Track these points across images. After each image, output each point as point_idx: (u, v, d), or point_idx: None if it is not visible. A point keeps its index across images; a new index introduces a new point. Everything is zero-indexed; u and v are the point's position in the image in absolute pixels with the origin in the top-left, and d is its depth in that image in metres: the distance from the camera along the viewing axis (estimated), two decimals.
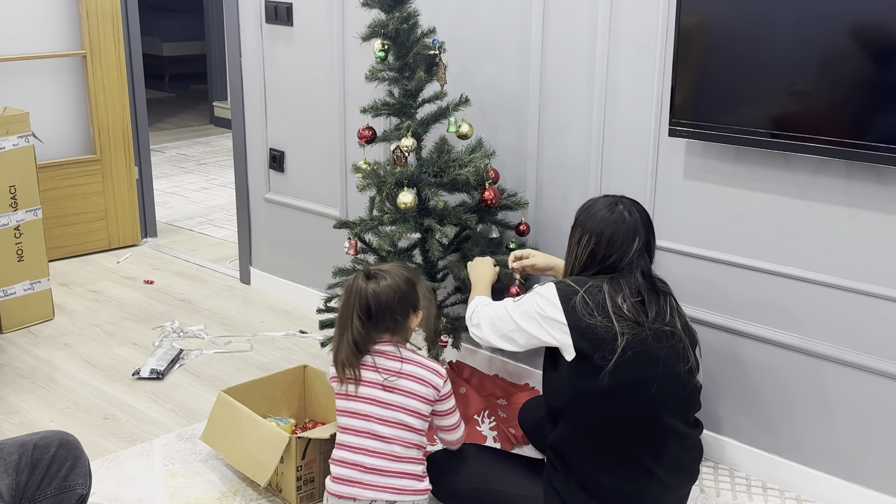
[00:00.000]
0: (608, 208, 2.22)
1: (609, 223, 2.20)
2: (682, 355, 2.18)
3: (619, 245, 2.19)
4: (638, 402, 2.13)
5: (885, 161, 2.27)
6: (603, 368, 2.08)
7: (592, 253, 2.20)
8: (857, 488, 2.55)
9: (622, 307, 2.12)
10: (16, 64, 4.24)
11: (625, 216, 2.20)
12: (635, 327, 2.11)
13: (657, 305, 2.17)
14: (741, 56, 2.46)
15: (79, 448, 2.05)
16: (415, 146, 2.77)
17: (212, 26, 7.97)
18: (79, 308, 3.95)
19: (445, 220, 2.78)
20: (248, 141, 4.05)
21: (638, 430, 2.15)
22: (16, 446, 1.95)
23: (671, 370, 2.15)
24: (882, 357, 2.44)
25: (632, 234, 2.19)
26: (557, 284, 2.19)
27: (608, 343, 2.09)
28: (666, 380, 2.14)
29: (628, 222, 2.20)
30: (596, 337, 2.10)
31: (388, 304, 2.18)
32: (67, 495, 1.99)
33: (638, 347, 2.10)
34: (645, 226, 2.23)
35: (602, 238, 2.19)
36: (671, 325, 2.17)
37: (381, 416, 2.17)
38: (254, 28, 3.83)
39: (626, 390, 2.11)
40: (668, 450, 2.19)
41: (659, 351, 2.13)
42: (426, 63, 2.79)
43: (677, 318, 2.20)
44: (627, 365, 2.09)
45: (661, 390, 2.13)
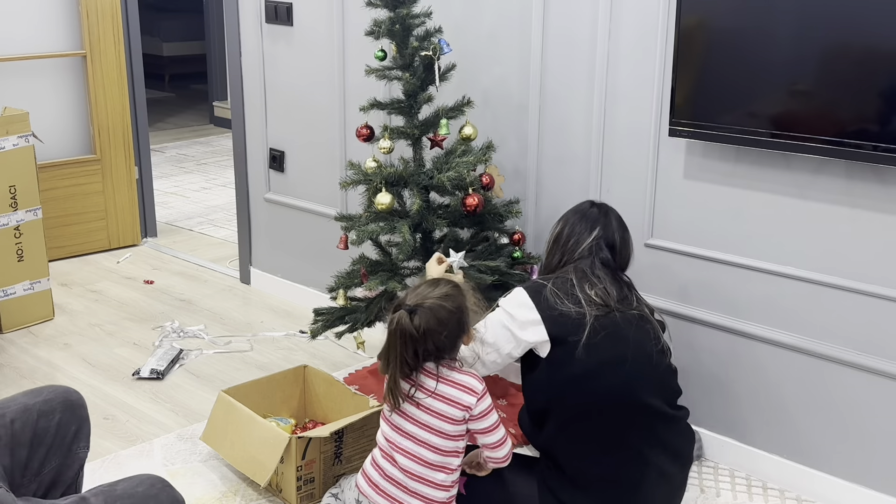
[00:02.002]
0: (583, 206, 2.41)
1: (575, 213, 2.39)
2: (651, 336, 2.25)
3: (578, 231, 2.34)
4: (614, 383, 2.18)
5: (885, 161, 2.27)
6: (577, 348, 2.16)
7: (557, 237, 2.37)
8: (857, 488, 2.55)
9: (590, 293, 2.22)
10: (16, 64, 4.24)
11: (592, 211, 2.38)
12: (604, 308, 2.20)
13: (619, 291, 2.27)
14: (741, 56, 2.46)
15: (82, 407, 1.99)
16: (392, 148, 2.80)
17: (212, 26, 7.97)
18: (79, 308, 3.95)
19: (424, 222, 2.80)
20: (248, 141, 4.05)
21: (620, 413, 2.19)
22: (19, 412, 1.88)
23: (642, 349, 2.22)
24: (882, 357, 2.44)
25: (591, 223, 2.34)
26: (523, 285, 2.30)
27: (580, 325, 2.17)
28: (639, 358, 2.20)
29: (591, 214, 2.37)
30: (569, 322, 2.19)
31: (435, 340, 2.08)
32: (69, 462, 1.95)
33: (609, 328, 2.18)
34: (610, 226, 2.36)
35: (566, 224, 2.37)
36: (638, 309, 2.26)
37: (411, 432, 2.14)
38: (254, 28, 3.83)
39: (601, 372, 2.17)
40: (655, 432, 2.22)
41: (628, 331, 2.21)
42: (426, 63, 2.80)
43: (643, 305, 2.31)
44: (600, 345, 2.16)
45: (634, 369, 2.19)
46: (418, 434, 2.13)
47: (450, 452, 2.13)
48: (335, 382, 2.86)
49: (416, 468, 2.13)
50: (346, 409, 2.74)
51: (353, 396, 2.76)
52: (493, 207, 2.88)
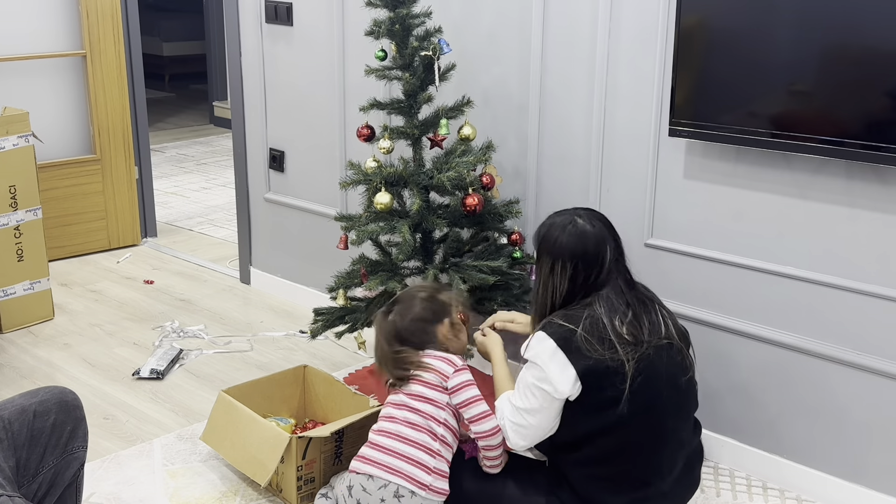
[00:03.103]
0: (567, 227, 2.16)
1: (576, 241, 2.14)
2: (681, 366, 2.16)
3: (594, 259, 2.13)
4: (650, 423, 2.10)
5: (885, 161, 2.27)
6: (616, 398, 2.04)
7: (573, 278, 2.14)
8: (857, 488, 2.55)
9: (621, 331, 2.07)
10: (16, 64, 4.24)
11: (587, 229, 2.15)
12: (637, 348, 2.07)
13: (649, 319, 2.13)
14: (741, 56, 2.46)
15: (78, 407, 2.00)
16: (392, 148, 2.80)
17: (212, 26, 7.97)
18: (79, 308, 3.95)
19: (424, 222, 2.79)
20: (248, 141, 4.05)
21: (649, 452, 2.13)
22: (16, 413, 1.90)
23: (675, 383, 2.14)
24: (882, 357, 2.44)
25: (602, 244, 2.15)
26: (548, 331, 2.09)
27: (618, 372, 2.04)
28: (672, 395, 2.13)
29: (593, 233, 2.15)
30: (602, 369, 2.04)
31: (411, 327, 2.31)
32: (67, 461, 1.95)
33: (645, 371, 2.06)
34: (609, 230, 2.20)
35: (577, 260, 2.13)
36: (668, 337, 2.14)
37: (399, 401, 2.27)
38: (254, 28, 3.83)
39: (638, 413, 2.07)
40: (676, 463, 2.18)
41: (661, 367, 2.10)
42: (426, 63, 2.80)
43: (671, 324, 2.18)
44: (638, 389, 2.05)
45: (668, 405, 2.13)
46: (405, 401, 2.25)
47: (430, 416, 2.22)
48: (335, 382, 2.86)
49: (403, 430, 2.21)
50: (347, 409, 2.74)
51: (354, 396, 2.75)
52: (492, 207, 2.88)
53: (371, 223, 2.80)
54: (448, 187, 2.77)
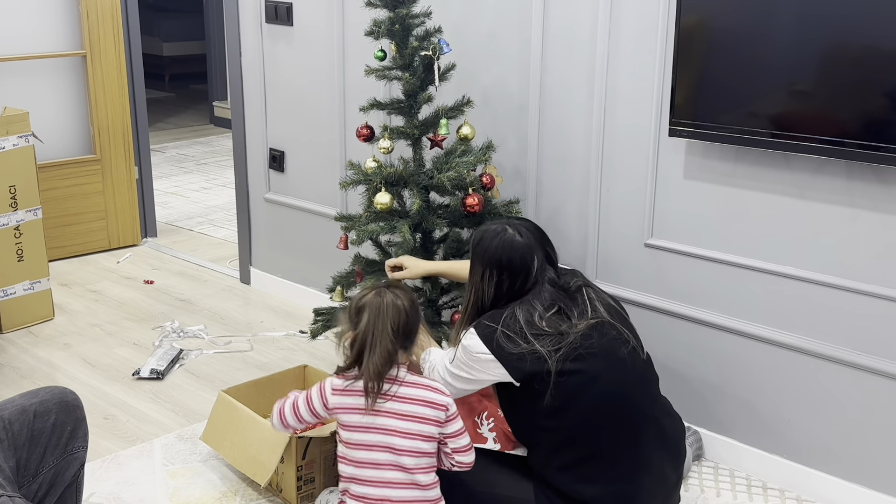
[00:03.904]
0: (497, 236, 2.25)
1: (503, 251, 2.23)
2: (618, 339, 2.20)
3: (519, 269, 2.22)
4: (593, 402, 2.14)
5: (885, 161, 2.27)
6: (545, 392, 2.11)
7: (498, 285, 2.23)
8: (857, 488, 2.55)
9: (541, 325, 2.15)
10: (16, 64, 4.24)
11: (515, 240, 2.24)
12: (560, 339, 2.13)
13: (576, 306, 2.20)
14: (741, 56, 2.46)
15: (78, 408, 2.00)
16: (392, 148, 2.80)
17: (212, 26, 7.97)
18: (79, 308, 3.95)
19: (424, 222, 2.80)
20: (248, 141, 4.05)
21: (608, 429, 2.16)
22: (16, 413, 1.90)
23: (614, 357, 2.18)
24: (882, 357, 2.44)
25: (529, 254, 2.23)
26: (476, 328, 2.20)
27: (540, 363, 2.11)
28: (612, 369, 2.16)
29: (520, 244, 2.23)
30: (525, 363, 2.13)
31: (412, 319, 2.12)
32: (67, 461, 1.95)
33: (571, 355, 2.12)
34: (539, 241, 2.28)
35: (502, 268, 2.22)
36: (597, 317, 2.20)
37: (399, 446, 2.07)
38: (254, 28, 3.83)
39: (576, 396, 2.13)
40: (646, 438, 2.19)
41: (593, 347, 2.15)
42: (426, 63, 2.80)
43: (598, 305, 2.23)
44: (569, 375, 2.11)
45: (610, 381, 2.15)
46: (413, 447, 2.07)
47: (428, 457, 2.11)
48: None
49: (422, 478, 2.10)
50: None
51: None
52: (493, 207, 2.87)
53: (371, 223, 2.81)
54: (448, 187, 2.78)
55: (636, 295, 2.88)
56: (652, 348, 2.83)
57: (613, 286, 2.92)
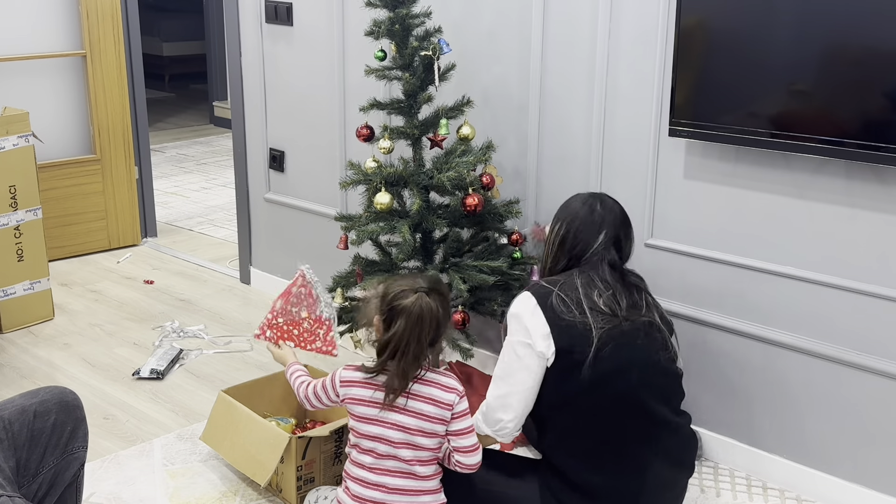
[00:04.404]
0: (583, 202, 2.30)
1: (578, 214, 2.27)
2: (661, 343, 2.20)
3: (585, 237, 2.24)
4: (620, 391, 2.14)
5: (884, 161, 2.27)
6: (583, 363, 2.10)
7: (562, 241, 2.27)
8: (857, 488, 2.55)
9: (597, 301, 2.15)
10: (16, 64, 4.24)
11: (595, 209, 2.27)
12: (612, 319, 2.14)
13: (628, 298, 2.20)
14: (741, 56, 2.46)
15: (78, 407, 2.00)
16: (392, 148, 2.80)
17: (212, 26, 7.97)
18: (79, 308, 3.95)
19: (424, 222, 2.79)
20: (248, 141, 4.05)
21: (624, 422, 2.16)
22: (16, 413, 1.90)
23: (650, 357, 2.17)
24: (882, 357, 2.44)
25: (597, 227, 2.25)
26: (531, 288, 2.21)
27: (586, 337, 2.11)
28: (646, 367, 2.16)
29: (596, 216, 2.26)
30: (575, 333, 2.12)
31: (445, 324, 2.10)
32: (67, 461, 1.95)
33: (617, 339, 2.13)
34: (615, 223, 2.27)
35: (571, 227, 2.26)
36: (648, 316, 2.20)
37: (399, 439, 2.09)
38: (254, 28, 3.83)
39: (606, 381, 2.12)
40: (659, 441, 2.19)
41: (636, 340, 2.16)
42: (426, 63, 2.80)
43: (654, 310, 2.24)
44: (606, 357, 2.11)
45: (642, 378, 2.15)
46: (409, 440, 2.09)
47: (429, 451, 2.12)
48: None
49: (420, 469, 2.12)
50: None
51: None
52: (492, 207, 2.88)
53: (371, 223, 2.81)
54: (448, 187, 2.77)
55: None
56: None
57: None
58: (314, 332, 2.63)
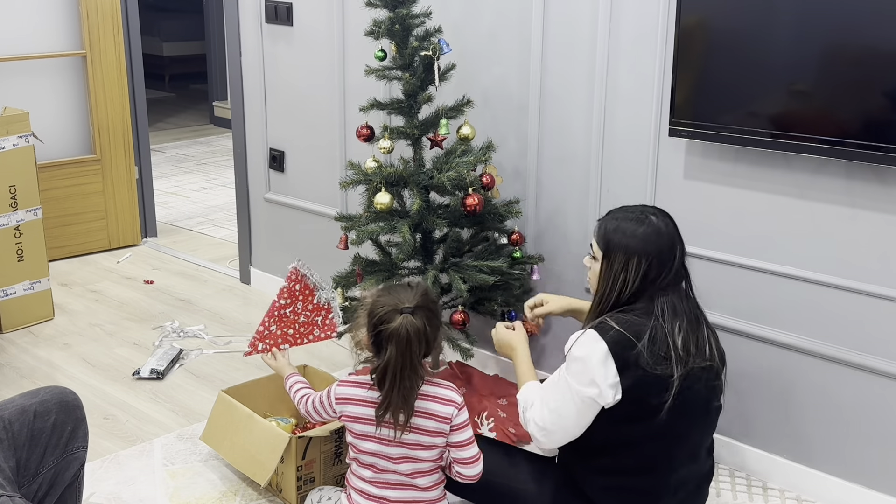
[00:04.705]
0: (642, 223, 2.07)
1: (652, 240, 2.05)
2: (716, 390, 2.12)
3: (668, 259, 2.06)
4: (677, 442, 2.08)
5: (884, 161, 2.27)
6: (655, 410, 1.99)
7: (645, 276, 2.04)
8: (857, 488, 2.55)
9: (677, 341, 2.01)
10: (16, 64, 4.24)
11: (660, 227, 2.07)
12: (687, 360, 2.02)
13: (699, 337, 2.07)
14: (741, 56, 2.46)
15: (78, 407, 2.00)
16: (392, 148, 2.80)
17: (212, 26, 7.97)
18: (79, 308, 3.95)
19: (424, 222, 2.79)
20: (248, 141, 4.05)
21: (666, 467, 2.10)
22: (16, 413, 1.90)
23: (707, 406, 2.11)
24: (882, 357, 2.44)
25: (674, 244, 2.08)
26: (602, 333, 2.01)
27: (665, 386, 1.99)
28: (702, 417, 2.12)
29: (667, 233, 2.08)
30: (652, 380, 1.99)
31: (433, 334, 2.05)
32: (67, 461, 1.95)
33: (687, 387, 2.01)
34: (678, 232, 2.12)
35: (652, 258, 2.04)
36: (711, 359, 2.08)
37: (397, 455, 2.08)
38: (254, 28, 3.83)
39: (663, 434, 2.04)
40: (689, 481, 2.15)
41: (699, 386, 2.05)
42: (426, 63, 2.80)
43: (713, 346, 2.10)
44: (678, 404, 2.01)
45: (697, 426, 2.11)
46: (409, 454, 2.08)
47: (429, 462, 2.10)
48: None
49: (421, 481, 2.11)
50: None
51: None
52: (493, 207, 2.88)
53: (371, 223, 2.81)
54: (448, 187, 2.77)
55: None
56: None
57: None
58: (312, 321, 2.63)
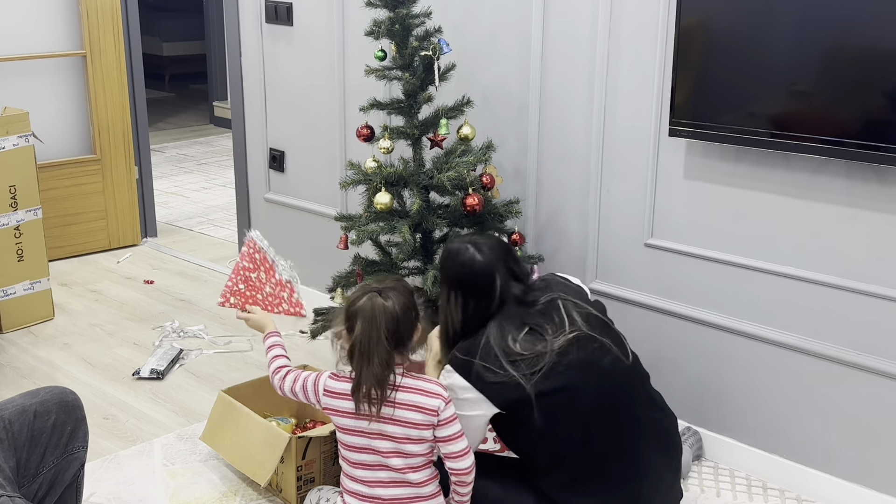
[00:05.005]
0: (458, 256, 2.20)
1: (464, 272, 2.18)
2: (601, 350, 2.14)
3: (483, 290, 2.16)
4: (581, 416, 2.10)
5: (884, 161, 2.27)
6: (530, 417, 2.07)
7: (464, 307, 2.18)
8: (857, 488, 2.55)
9: (515, 349, 2.09)
10: (16, 64, 4.24)
11: (476, 259, 2.18)
12: (536, 360, 2.08)
13: (551, 322, 2.14)
14: (741, 56, 2.46)
15: (78, 407, 2.00)
16: (392, 148, 2.80)
17: (212, 26, 7.97)
18: (79, 308, 3.95)
19: (424, 222, 2.79)
20: (248, 141, 4.05)
21: (601, 441, 2.12)
22: (16, 413, 1.90)
23: (596, 369, 2.13)
24: (882, 357, 2.44)
25: (490, 274, 2.17)
26: (452, 362, 2.15)
27: (521, 391, 2.07)
28: (595, 382, 2.12)
29: (480, 264, 2.18)
30: (507, 391, 2.08)
31: (406, 321, 2.07)
32: (67, 461, 1.96)
33: (551, 374, 2.07)
34: (501, 257, 2.20)
35: (465, 290, 2.17)
36: (575, 330, 2.13)
37: (387, 449, 2.08)
38: (254, 28, 3.83)
39: (563, 415, 2.09)
40: (640, 439, 2.16)
41: (573, 363, 2.10)
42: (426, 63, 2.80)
43: (578, 317, 2.16)
44: (551, 395, 2.07)
45: (595, 392, 2.11)
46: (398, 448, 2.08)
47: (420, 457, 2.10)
48: None
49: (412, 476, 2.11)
50: None
51: None
52: (493, 207, 2.87)
53: (371, 223, 2.81)
54: (448, 187, 2.77)
55: (636, 295, 2.88)
56: (652, 348, 2.83)
57: (613, 286, 2.92)
58: (278, 295, 2.62)
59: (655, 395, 2.29)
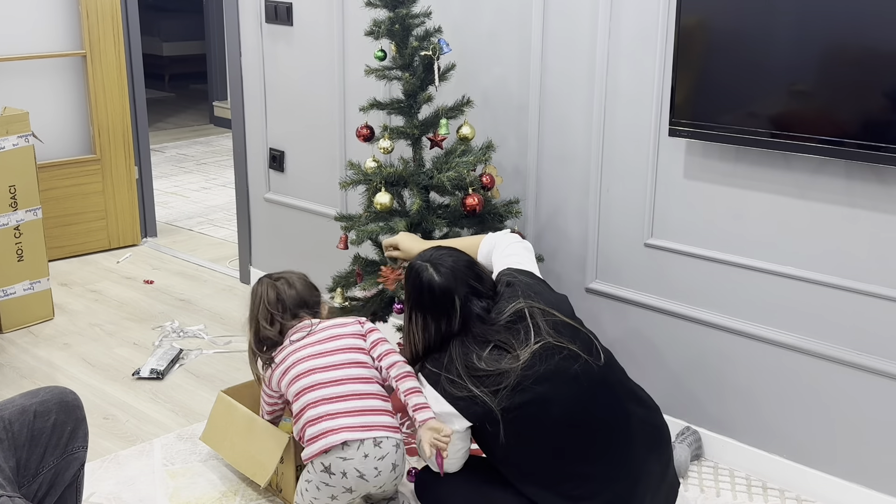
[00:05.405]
0: (418, 277, 2.21)
1: (422, 294, 2.20)
2: (569, 358, 2.11)
3: (441, 311, 2.17)
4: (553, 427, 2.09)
5: (884, 161, 2.27)
6: (499, 433, 2.08)
7: (424, 328, 2.20)
8: (857, 488, 2.55)
9: (480, 366, 2.09)
10: (16, 64, 4.24)
11: (433, 280, 2.19)
12: (501, 377, 2.07)
13: (516, 336, 2.12)
14: (741, 56, 2.46)
15: (78, 407, 2.00)
16: (392, 148, 2.80)
17: (212, 26, 7.97)
18: (79, 308, 3.95)
19: (424, 222, 2.79)
20: (248, 141, 4.05)
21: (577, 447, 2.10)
22: (16, 413, 1.90)
23: (564, 377, 2.10)
24: (882, 357, 2.44)
25: (448, 295, 2.17)
26: (423, 373, 2.21)
27: (486, 408, 2.08)
28: (565, 390, 2.09)
29: (438, 285, 2.18)
30: (475, 406, 2.09)
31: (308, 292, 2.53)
32: (67, 461, 1.96)
33: (517, 388, 2.07)
34: (461, 276, 2.20)
35: (424, 311, 2.19)
36: (540, 340, 2.10)
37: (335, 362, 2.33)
38: (254, 28, 3.83)
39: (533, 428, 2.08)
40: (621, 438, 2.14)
41: (539, 374, 2.08)
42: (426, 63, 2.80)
43: (544, 326, 2.14)
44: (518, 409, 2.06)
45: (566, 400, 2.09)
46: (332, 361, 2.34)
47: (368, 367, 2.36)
48: None
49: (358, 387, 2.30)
50: None
51: None
52: (493, 207, 2.87)
53: (371, 223, 2.81)
54: (448, 187, 2.77)
55: (636, 295, 2.88)
56: (651, 348, 2.84)
57: (613, 286, 2.92)
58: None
59: (636, 388, 2.25)
